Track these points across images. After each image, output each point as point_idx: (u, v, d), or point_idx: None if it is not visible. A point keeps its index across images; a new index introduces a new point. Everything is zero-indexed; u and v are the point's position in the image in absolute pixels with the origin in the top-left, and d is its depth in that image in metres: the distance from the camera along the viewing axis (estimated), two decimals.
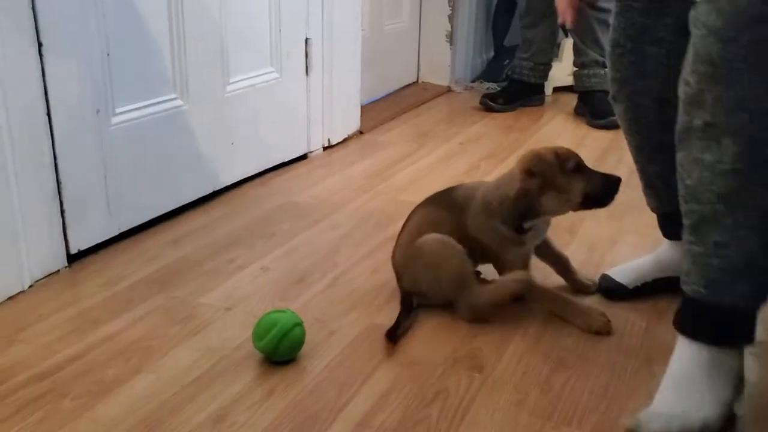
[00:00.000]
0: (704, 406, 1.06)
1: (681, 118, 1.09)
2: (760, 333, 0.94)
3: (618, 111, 1.40)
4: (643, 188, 1.47)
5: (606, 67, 2.86)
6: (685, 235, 1.09)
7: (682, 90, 1.07)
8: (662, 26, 1.24)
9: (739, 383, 1.05)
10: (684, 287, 1.11)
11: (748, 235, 1.03)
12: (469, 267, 1.39)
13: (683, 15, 1.16)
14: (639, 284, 1.48)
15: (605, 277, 1.51)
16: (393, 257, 1.48)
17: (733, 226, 1.03)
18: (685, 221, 1.09)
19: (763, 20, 0.97)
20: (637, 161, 1.44)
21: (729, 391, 1.07)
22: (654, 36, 1.27)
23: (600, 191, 1.38)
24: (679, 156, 1.09)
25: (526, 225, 1.37)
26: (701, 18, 1.01)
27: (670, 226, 1.44)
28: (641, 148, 1.41)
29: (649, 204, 1.49)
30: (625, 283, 1.48)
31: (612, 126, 2.71)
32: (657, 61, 1.27)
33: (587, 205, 1.40)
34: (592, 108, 2.78)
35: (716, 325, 1.08)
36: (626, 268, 1.51)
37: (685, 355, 1.10)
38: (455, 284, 1.38)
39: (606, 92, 2.79)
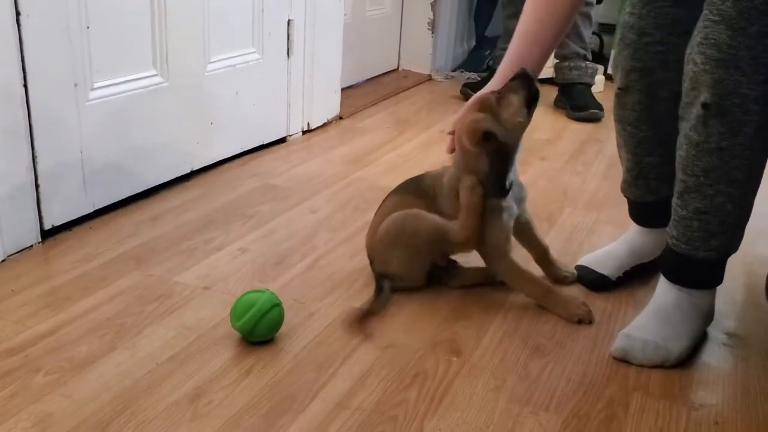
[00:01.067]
0: (677, 336, 1.26)
1: (683, 95, 1.20)
2: None
3: (629, 101, 1.39)
4: (631, 179, 1.48)
5: (588, 60, 2.88)
6: (674, 198, 1.25)
7: (689, 68, 1.17)
8: (692, 19, 1.23)
9: (707, 318, 1.31)
10: (669, 240, 1.28)
11: (724, 203, 1.20)
12: (440, 219, 1.39)
13: None
14: (621, 274, 1.49)
15: (586, 270, 1.51)
16: (366, 245, 1.48)
17: (712, 195, 1.19)
18: (676, 186, 1.25)
19: None
20: (634, 152, 1.44)
21: (699, 325, 1.29)
22: (684, 28, 1.26)
23: (527, 88, 1.31)
24: (680, 128, 1.23)
25: (508, 181, 1.36)
26: (717, 3, 1.11)
27: (648, 215, 1.49)
28: (645, 140, 1.42)
29: (631, 193, 1.50)
30: (607, 275, 1.49)
31: (591, 119, 2.73)
32: (682, 54, 1.26)
33: (531, 108, 1.33)
34: (571, 100, 2.80)
35: (693, 273, 1.28)
36: (602, 259, 1.52)
37: (666, 294, 1.30)
38: (434, 240, 1.38)
39: (587, 84, 2.84)
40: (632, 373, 1.22)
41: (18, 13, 1.38)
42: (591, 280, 1.49)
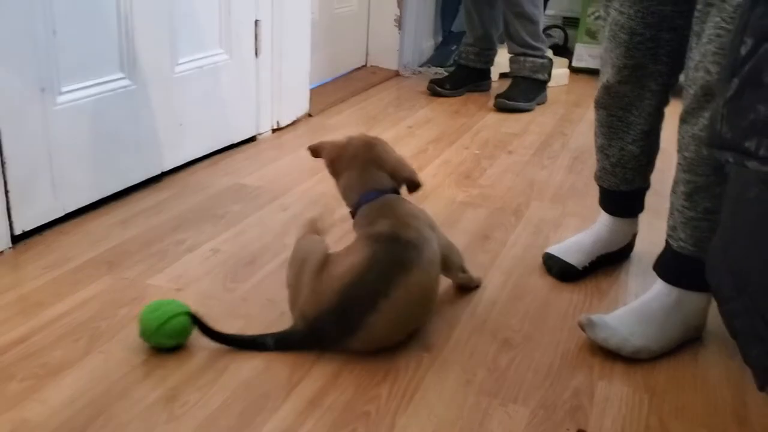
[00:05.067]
0: (646, 338, 1.28)
1: (690, 99, 1.21)
2: None
3: (620, 91, 1.42)
4: (608, 167, 1.52)
5: (535, 56, 2.94)
6: (680, 200, 1.27)
7: (699, 76, 1.17)
8: (679, 14, 1.31)
9: (690, 328, 1.32)
10: (671, 242, 1.30)
11: None
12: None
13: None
14: (587, 264, 1.54)
15: (553, 259, 1.55)
16: None
17: (721, 193, 1.19)
18: (681, 188, 1.26)
19: None
20: (619, 138, 1.47)
21: (677, 334, 1.30)
22: (671, 24, 1.32)
23: None
24: (682, 130, 1.24)
25: None
26: (728, 11, 1.10)
27: (620, 204, 1.55)
28: (632, 126, 1.45)
29: (606, 182, 1.54)
30: (574, 264, 1.53)
31: (506, 109, 2.80)
32: (671, 47, 1.34)
33: None
34: (507, 91, 2.88)
35: (697, 274, 1.21)
36: (569, 248, 1.57)
37: (657, 294, 1.32)
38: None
39: (527, 78, 2.88)
40: (597, 363, 1.26)
41: None
42: (558, 270, 1.54)
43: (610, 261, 1.58)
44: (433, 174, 2.12)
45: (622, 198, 1.54)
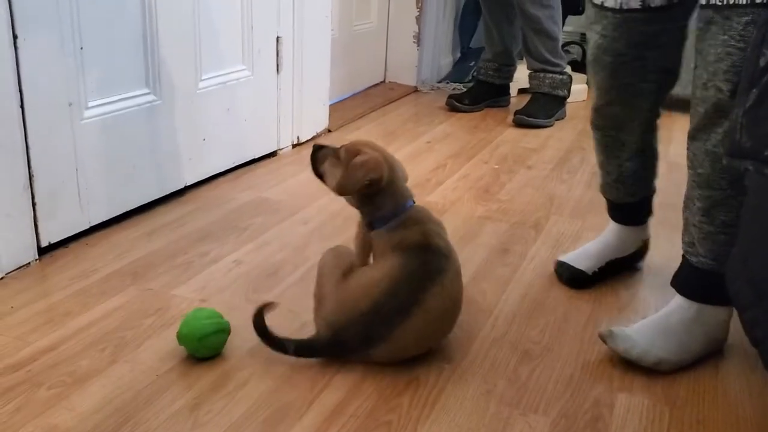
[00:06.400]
0: (667, 350, 1.28)
1: (700, 117, 1.20)
2: None
3: (610, 112, 1.44)
4: (610, 182, 1.54)
5: (554, 72, 2.98)
6: (697, 216, 1.27)
7: (710, 94, 1.17)
8: (664, 32, 1.31)
9: (711, 341, 1.32)
10: (690, 257, 1.31)
11: None
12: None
13: (683, 18, 1.32)
14: (596, 269, 1.56)
15: (564, 266, 1.58)
16: None
17: (738, 206, 1.18)
18: (697, 203, 1.26)
19: None
20: (615, 157, 1.50)
21: (698, 347, 1.31)
22: (657, 42, 1.33)
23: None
24: (693, 147, 1.24)
25: None
26: (737, 29, 1.10)
27: (627, 214, 1.58)
28: (626, 146, 1.47)
29: (611, 195, 1.57)
30: (584, 269, 1.56)
31: (525, 125, 2.81)
32: (659, 64, 1.35)
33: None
34: (527, 107, 2.90)
35: (717, 288, 1.24)
36: (580, 256, 1.60)
37: (677, 308, 1.32)
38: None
39: (546, 95, 2.90)
40: (617, 375, 1.27)
41: (15, 36, 1.42)
42: (568, 276, 1.57)
43: (621, 266, 1.60)
44: (453, 188, 2.14)
45: (628, 208, 1.57)
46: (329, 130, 2.61)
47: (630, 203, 1.55)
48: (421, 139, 2.61)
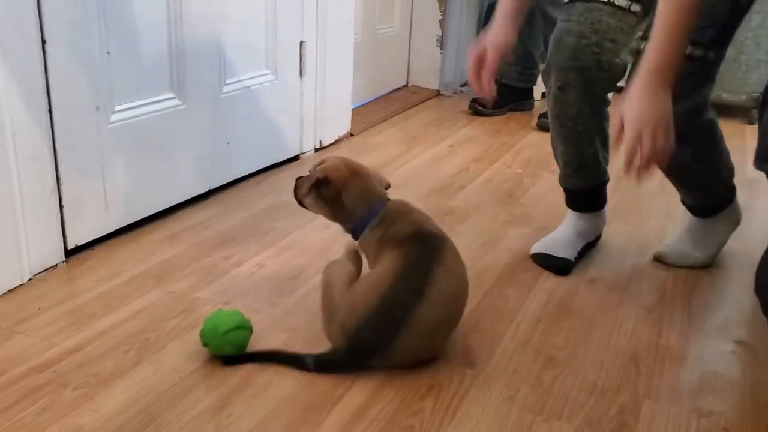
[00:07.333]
0: (701, 249, 1.66)
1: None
2: None
3: (568, 98, 1.53)
4: (572, 170, 1.64)
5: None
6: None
7: None
8: (619, 30, 1.44)
9: (734, 224, 1.70)
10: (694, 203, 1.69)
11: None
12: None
13: (644, 14, 1.43)
14: (577, 255, 1.67)
15: (546, 257, 1.65)
16: None
17: None
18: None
19: None
20: (575, 145, 1.59)
21: (715, 247, 1.68)
22: (614, 36, 1.45)
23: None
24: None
25: None
26: None
27: (586, 201, 1.70)
28: (585, 132, 1.57)
29: (571, 184, 1.67)
30: (568, 257, 1.65)
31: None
32: (611, 56, 1.46)
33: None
34: None
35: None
36: (555, 244, 1.68)
37: (695, 222, 1.69)
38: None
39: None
40: (642, 381, 1.25)
41: (44, 42, 1.44)
42: (560, 265, 1.63)
43: (591, 248, 1.74)
44: (475, 193, 2.13)
45: (587, 195, 1.69)
46: (351, 134, 2.62)
47: (586, 190, 1.67)
48: (444, 143, 2.61)
